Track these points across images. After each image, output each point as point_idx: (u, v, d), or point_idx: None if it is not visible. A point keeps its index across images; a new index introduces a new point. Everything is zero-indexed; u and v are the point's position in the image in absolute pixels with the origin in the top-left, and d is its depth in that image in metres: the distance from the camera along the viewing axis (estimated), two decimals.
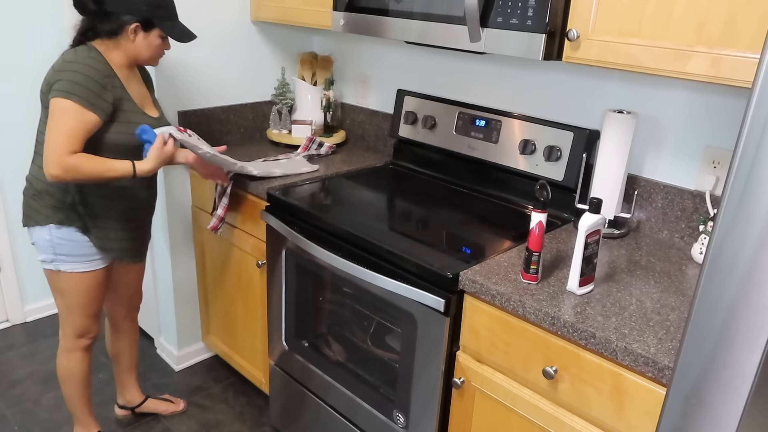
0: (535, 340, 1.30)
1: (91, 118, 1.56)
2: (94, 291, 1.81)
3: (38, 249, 1.74)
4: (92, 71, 1.57)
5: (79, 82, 1.54)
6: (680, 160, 1.63)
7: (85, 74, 1.55)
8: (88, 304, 1.82)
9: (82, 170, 1.55)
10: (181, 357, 2.52)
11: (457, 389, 1.49)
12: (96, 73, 1.57)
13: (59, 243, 1.71)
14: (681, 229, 1.64)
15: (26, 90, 2.52)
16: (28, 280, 2.78)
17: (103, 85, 1.58)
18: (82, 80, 1.54)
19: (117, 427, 2.18)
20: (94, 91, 1.56)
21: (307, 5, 2.01)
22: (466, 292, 1.41)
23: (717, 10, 1.16)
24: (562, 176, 1.76)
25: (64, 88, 1.52)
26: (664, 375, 1.09)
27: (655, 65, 1.26)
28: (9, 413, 2.22)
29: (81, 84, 1.54)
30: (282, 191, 1.88)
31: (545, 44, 1.39)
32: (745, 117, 0.81)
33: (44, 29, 2.51)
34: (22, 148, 2.58)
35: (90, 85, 1.55)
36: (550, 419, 1.31)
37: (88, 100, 1.54)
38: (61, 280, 1.76)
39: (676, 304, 1.31)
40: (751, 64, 1.13)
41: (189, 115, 2.22)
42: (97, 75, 1.57)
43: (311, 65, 2.39)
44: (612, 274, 1.43)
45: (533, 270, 1.34)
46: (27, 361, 2.52)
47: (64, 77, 1.54)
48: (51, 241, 1.70)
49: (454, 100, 2.05)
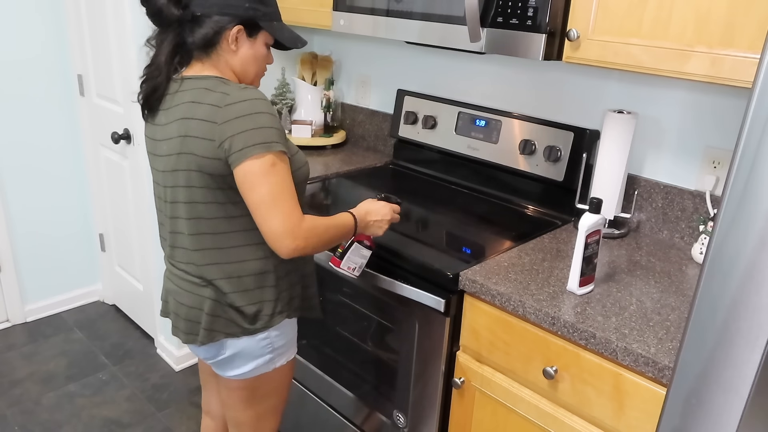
0: (535, 340, 1.30)
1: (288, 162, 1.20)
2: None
3: (242, 359, 1.34)
4: (262, 103, 1.17)
5: (263, 124, 1.14)
6: (680, 160, 1.62)
7: (260, 111, 1.16)
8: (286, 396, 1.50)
9: (319, 231, 1.21)
10: (182, 357, 2.52)
11: (457, 389, 1.49)
12: (265, 102, 1.18)
13: (277, 336, 1.35)
14: (681, 229, 1.64)
15: (26, 90, 2.52)
16: (28, 280, 2.78)
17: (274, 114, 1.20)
18: (264, 120, 1.15)
19: (117, 427, 2.18)
20: (279, 129, 1.18)
21: (307, 5, 2.01)
22: (466, 292, 1.41)
23: (717, 10, 1.16)
24: (562, 176, 1.76)
25: (256, 141, 1.13)
26: (664, 375, 1.09)
27: (655, 65, 1.26)
28: (9, 413, 2.22)
29: (267, 125, 1.15)
30: None
31: (545, 44, 1.39)
32: (745, 117, 0.81)
33: (43, 29, 2.51)
34: (23, 148, 2.58)
35: (275, 123, 1.17)
36: (550, 419, 1.31)
37: (283, 142, 1.18)
38: (273, 379, 1.41)
39: (676, 304, 1.31)
40: (751, 64, 1.13)
41: None
42: (267, 104, 1.18)
43: (311, 65, 2.39)
44: (612, 274, 1.43)
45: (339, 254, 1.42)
46: (27, 361, 2.52)
47: (242, 127, 1.13)
48: (268, 339, 1.33)
49: (454, 100, 2.05)
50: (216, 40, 1.22)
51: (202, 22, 1.20)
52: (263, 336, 1.32)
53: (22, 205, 2.65)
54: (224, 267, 1.26)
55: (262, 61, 1.31)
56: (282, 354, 1.38)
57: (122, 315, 2.90)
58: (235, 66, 1.26)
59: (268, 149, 1.14)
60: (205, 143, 1.16)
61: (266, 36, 1.28)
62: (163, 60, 1.22)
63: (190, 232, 1.26)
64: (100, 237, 2.89)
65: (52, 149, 2.67)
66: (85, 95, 2.62)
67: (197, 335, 1.31)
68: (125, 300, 2.86)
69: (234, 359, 1.34)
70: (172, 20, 1.20)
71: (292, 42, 1.32)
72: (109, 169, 2.63)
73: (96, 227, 2.88)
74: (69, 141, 2.71)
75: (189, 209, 1.24)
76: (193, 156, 1.18)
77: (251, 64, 1.28)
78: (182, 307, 1.32)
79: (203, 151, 1.16)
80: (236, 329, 1.30)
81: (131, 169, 2.44)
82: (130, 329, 2.79)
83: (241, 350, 1.32)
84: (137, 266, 2.65)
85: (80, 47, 2.53)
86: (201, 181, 1.20)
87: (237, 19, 1.22)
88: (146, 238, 2.47)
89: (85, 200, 2.84)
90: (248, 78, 1.30)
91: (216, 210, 1.22)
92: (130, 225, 2.59)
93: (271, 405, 1.45)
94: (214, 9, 1.20)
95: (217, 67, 1.25)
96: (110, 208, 2.73)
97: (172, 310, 1.37)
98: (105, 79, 2.43)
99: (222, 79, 1.22)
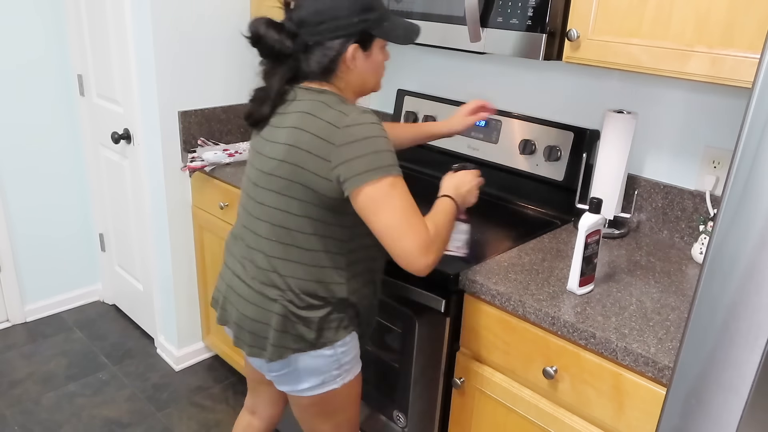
0: (535, 340, 1.30)
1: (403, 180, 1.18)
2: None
3: (308, 375, 1.31)
4: (379, 128, 1.15)
5: (381, 148, 1.13)
6: (680, 160, 1.63)
7: (378, 135, 1.14)
8: (359, 407, 1.47)
9: (441, 233, 1.20)
10: (181, 357, 2.52)
11: (457, 389, 1.49)
12: (381, 127, 1.16)
13: (343, 352, 1.32)
14: (681, 229, 1.64)
15: (26, 90, 2.52)
16: (28, 280, 2.78)
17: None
18: (382, 145, 1.13)
19: (117, 427, 2.18)
20: (394, 153, 1.17)
21: None
22: (466, 292, 1.41)
23: (717, 10, 1.16)
24: (562, 176, 1.76)
25: (375, 165, 1.12)
26: (664, 375, 1.09)
27: (655, 65, 1.26)
28: (9, 413, 2.22)
29: (384, 149, 1.14)
30: None
31: (545, 44, 1.39)
32: (745, 117, 0.81)
33: (44, 29, 2.51)
34: (23, 147, 2.58)
35: (390, 147, 1.15)
36: (550, 419, 1.31)
37: (397, 164, 1.16)
38: (342, 394, 1.37)
39: (676, 304, 1.31)
40: (751, 64, 1.13)
41: (189, 115, 2.22)
42: (383, 129, 1.17)
43: None
44: (612, 274, 1.43)
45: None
46: (27, 361, 2.52)
47: (361, 151, 1.12)
48: (334, 356, 1.30)
49: (454, 100, 2.05)
50: (333, 67, 1.20)
51: (315, 50, 1.18)
52: (330, 352, 1.29)
53: (22, 205, 2.65)
54: (302, 282, 1.24)
55: (380, 66, 1.27)
56: (348, 370, 1.35)
57: (122, 315, 2.90)
58: (354, 82, 1.24)
59: (387, 173, 1.12)
60: (318, 161, 1.14)
61: (380, 41, 1.25)
62: (276, 89, 1.21)
63: (274, 238, 1.23)
64: (100, 237, 2.89)
65: (52, 149, 2.67)
66: (85, 95, 2.62)
67: (264, 349, 1.28)
68: (125, 300, 2.86)
69: (300, 375, 1.30)
70: (286, 54, 1.19)
71: (406, 39, 1.26)
72: (109, 169, 2.63)
73: (96, 227, 2.88)
74: (69, 141, 2.71)
75: (278, 216, 1.22)
76: (300, 169, 1.16)
77: (370, 75, 1.26)
78: (246, 319, 1.28)
79: (314, 167, 1.15)
80: (304, 344, 1.26)
81: (131, 169, 2.44)
82: (130, 329, 2.79)
83: (307, 365, 1.29)
84: (137, 266, 2.65)
85: (80, 47, 2.53)
86: (302, 195, 1.18)
87: (350, 39, 1.18)
88: (146, 238, 2.47)
89: (85, 200, 2.84)
90: (369, 87, 1.28)
91: (308, 225, 1.21)
92: (130, 225, 2.59)
93: (347, 417, 1.42)
94: (326, 35, 1.17)
95: (336, 85, 1.23)
96: (110, 208, 2.73)
97: (233, 320, 1.32)
98: (105, 79, 2.43)
99: (340, 97, 1.20)
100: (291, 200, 1.20)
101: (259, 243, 1.26)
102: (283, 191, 1.20)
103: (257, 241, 1.27)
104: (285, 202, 1.20)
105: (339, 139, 1.12)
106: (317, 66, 1.19)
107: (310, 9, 1.18)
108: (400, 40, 1.25)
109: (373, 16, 1.20)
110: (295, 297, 1.24)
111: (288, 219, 1.21)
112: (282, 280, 1.24)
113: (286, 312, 1.24)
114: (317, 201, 1.18)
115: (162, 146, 2.18)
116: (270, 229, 1.24)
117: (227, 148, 2.19)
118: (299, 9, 1.19)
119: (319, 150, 1.14)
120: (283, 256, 1.23)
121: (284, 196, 1.20)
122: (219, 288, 1.39)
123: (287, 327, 1.25)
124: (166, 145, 2.19)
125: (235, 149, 2.19)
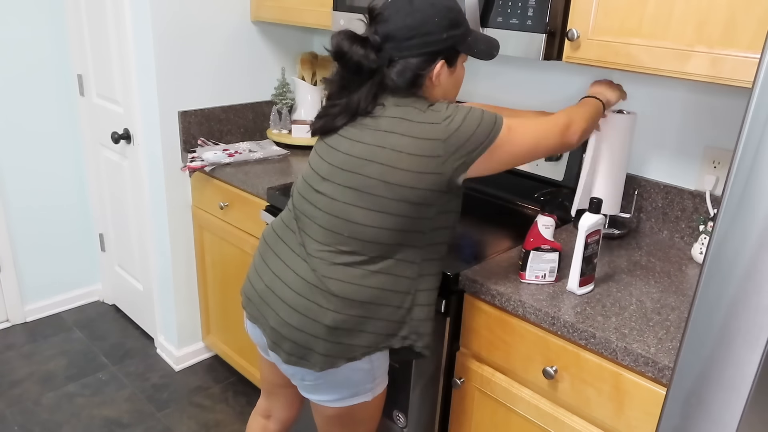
0: (535, 340, 1.30)
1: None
2: None
3: (341, 386, 1.28)
4: (463, 107, 1.19)
5: (480, 118, 1.17)
6: (680, 160, 1.62)
7: (468, 111, 1.18)
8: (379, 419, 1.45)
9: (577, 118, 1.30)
10: (181, 357, 2.52)
11: (457, 389, 1.49)
12: (464, 105, 1.21)
13: (378, 363, 1.29)
14: (681, 229, 1.64)
15: (26, 90, 2.52)
16: (28, 280, 2.78)
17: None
18: (478, 113, 1.18)
19: (117, 427, 2.18)
20: (486, 110, 1.23)
21: (307, 5, 2.01)
22: (466, 292, 1.41)
23: (717, 10, 1.16)
24: (562, 176, 1.76)
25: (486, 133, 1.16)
26: (664, 375, 1.09)
27: (655, 65, 1.26)
28: (9, 413, 2.22)
29: (482, 116, 1.17)
30: (282, 191, 1.88)
31: (545, 44, 1.39)
32: (745, 117, 0.81)
33: (44, 29, 2.51)
34: (23, 147, 2.58)
35: (482, 110, 1.21)
36: (550, 419, 1.31)
37: (497, 113, 1.21)
38: (369, 407, 1.35)
39: (676, 304, 1.31)
40: (751, 64, 1.13)
41: (189, 115, 2.22)
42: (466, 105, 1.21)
43: (311, 65, 2.39)
44: (612, 274, 1.43)
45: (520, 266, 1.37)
46: (27, 361, 2.52)
47: (470, 129, 1.15)
48: (371, 370, 1.28)
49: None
50: (418, 82, 1.19)
51: (399, 64, 1.17)
52: (368, 366, 1.26)
53: (22, 205, 2.65)
54: (364, 290, 1.20)
55: (460, 82, 1.29)
56: (380, 383, 1.33)
57: (122, 315, 2.90)
58: (436, 97, 1.23)
59: (499, 128, 1.17)
60: (422, 160, 1.14)
61: (462, 56, 1.25)
62: (362, 104, 1.19)
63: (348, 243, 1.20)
64: (100, 237, 2.88)
65: (52, 149, 2.67)
66: (85, 95, 2.62)
67: (304, 359, 1.23)
68: (125, 300, 2.86)
69: (335, 385, 1.27)
70: (372, 70, 1.17)
71: (488, 54, 1.27)
72: (109, 169, 2.63)
73: (96, 227, 2.88)
74: (69, 141, 2.70)
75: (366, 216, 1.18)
76: (392, 169, 1.15)
77: (452, 90, 1.27)
78: (289, 327, 1.23)
79: (417, 167, 1.15)
80: (356, 352, 1.22)
81: (131, 169, 2.44)
82: (130, 329, 2.79)
83: (345, 377, 1.26)
84: (137, 266, 2.65)
85: (80, 47, 2.53)
86: (391, 193, 1.16)
87: (438, 55, 1.18)
88: (146, 238, 2.47)
89: (85, 200, 2.84)
90: (448, 100, 1.28)
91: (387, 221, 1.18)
92: (130, 225, 2.59)
93: (367, 429, 1.41)
94: (414, 50, 1.16)
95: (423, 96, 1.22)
96: (110, 208, 2.73)
97: (271, 324, 1.27)
98: (105, 79, 2.43)
99: (426, 99, 1.21)
100: (382, 200, 1.17)
101: (317, 244, 1.23)
102: (364, 189, 1.18)
103: (316, 247, 1.23)
104: (371, 202, 1.18)
105: (443, 133, 1.14)
106: (402, 81, 1.18)
107: (399, 24, 1.16)
108: (483, 55, 1.26)
109: (459, 32, 1.20)
110: (351, 305, 1.20)
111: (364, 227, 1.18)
112: (344, 287, 1.20)
113: (336, 322, 1.20)
114: (408, 211, 1.17)
115: (162, 146, 2.18)
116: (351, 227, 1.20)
117: (227, 148, 2.19)
118: (387, 23, 1.17)
119: (423, 150, 1.14)
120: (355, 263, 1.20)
121: (367, 196, 1.18)
122: (255, 286, 1.32)
123: (339, 337, 1.21)
124: (166, 145, 2.19)
125: (234, 149, 2.20)
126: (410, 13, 1.16)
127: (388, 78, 1.18)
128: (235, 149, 2.19)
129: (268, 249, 1.33)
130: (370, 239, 1.19)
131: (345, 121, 1.23)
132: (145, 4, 2.02)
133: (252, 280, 1.34)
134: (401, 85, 1.18)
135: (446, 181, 1.17)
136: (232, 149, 2.19)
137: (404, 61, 1.17)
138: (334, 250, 1.21)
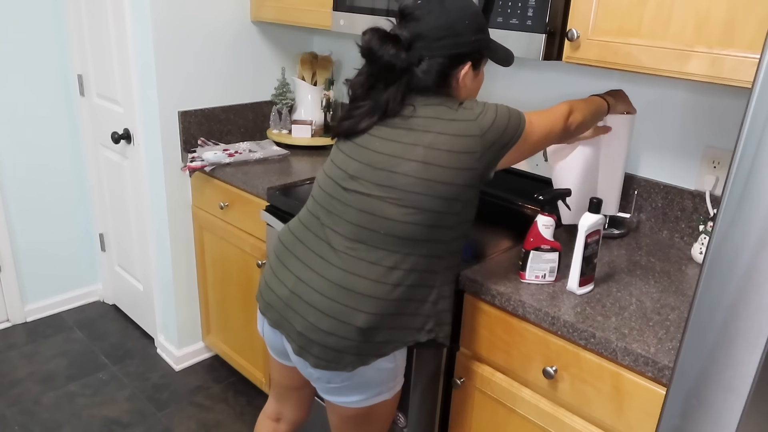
0: (535, 340, 1.30)
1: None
2: None
3: (366, 387, 1.28)
4: (491, 104, 1.23)
5: (508, 112, 1.21)
6: (680, 160, 1.63)
7: (496, 108, 1.21)
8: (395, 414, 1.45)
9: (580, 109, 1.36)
10: (181, 357, 2.52)
11: (457, 389, 1.49)
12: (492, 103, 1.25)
13: (400, 360, 1.30)
14: (681, 229, 1.64)
15: (26, 90, 2.52)
16: (28, 280, 2.78)
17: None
18: (505, 108, 1.22)
19: (117, 427, 2.18)
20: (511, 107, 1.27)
21: (307, 5, 2.01)
22: (466, 291, 1.41)
23: (717, 10, 1.16)
24: None
25: (516, 123, 1.21)
26: (664, 375, 1.09)
27: (655, 65, 1.26)
28: (9, 413, 2.22)
29: (510, 112, 1.22)
30: (282, 191, 1.88)
31: (545, 44, 1.39)
32: (745, 117, 0.81)
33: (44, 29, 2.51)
34: (23, 147, 2.58)
35: (509, 107, 1.24)
36: (550, 419, 1.31)
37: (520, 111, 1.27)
38: (388, 405, 1.35)
39: (676, 304, 1.31)
40: (751, 64, 1.13)
41: (189, 115, 2.22)
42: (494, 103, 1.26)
43: (311, 65, 2.39)
44: (612, 274, 1.43)
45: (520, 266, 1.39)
46: (27, 361, 2.52)
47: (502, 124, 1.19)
48: (394, 365, 1.29)
49: None
50: (448, 83, 1.21)
51: (427, 64, 1.18)
52: (390, 362, 1.26)
53: (22, 204, 2.65)
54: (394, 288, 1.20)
55: (480, 86, 1.31)
56: (400, 381, 1.34)
57: (122, 315, 2.90)
58: (462, 98, 1.25)
59: (523, 125, 1.22)
60: (461, 157, 1.16)
61: (484, 61, 1.28)
62: (390, 104, 1.20)
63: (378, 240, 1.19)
64: (100, 237, 2.89)
65: (52, 149, 2.67)
66: (85, 95, 2.62)
67: (333, 361, 1.22)
68: (125, 300, 2.86)
69: (360, 387, 1.27)
70: (403, 69, 1.17)
71: (507, 62, 1.29)
72: (109, 169, 2.63)
73: (96, 227, 2.88)
74: (69, 141, 2.71)
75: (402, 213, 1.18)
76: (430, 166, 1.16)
77: (474, 93, 1.30)
78: (319, 331, 1.21)
79: (455, 163, 1.16)
80: (386, 348, 1.22)
81: (131, 169, 2.44)
82: (130, 329, 2.79)
83: (371, 378, 1.26)
84: (137, 266, 2.65)
85: (80, 47, 2.53)
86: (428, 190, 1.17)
87: (465, 57, 1.21)
88: (146, 238, 2.47)
89: (85, 200, 2.84)
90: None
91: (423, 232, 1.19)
92: (130, 225, 2.59)
93: (381, 427, 1.40)
94: (444, 50, 1.18)
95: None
96: (110, 208, 2.73)
97: (298, 329, 1.24)
98: (105, 79, 2.43)
99: (456, 98, 1.23)
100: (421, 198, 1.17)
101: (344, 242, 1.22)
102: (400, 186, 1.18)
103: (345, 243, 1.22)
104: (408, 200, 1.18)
105: (479, 129, 1.17)
106: (431, 80, 1.19)
107: (431, 23, 1.18)
108: (503, 62, 1.28)
109: (485, 36, 1.24)
110: (378, 303, 1.20)
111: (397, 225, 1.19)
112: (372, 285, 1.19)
113: (369, 322, 1.19)
114: (444, 206, 1.18)
115: (162, 146, 2.18)
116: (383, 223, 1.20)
117: (227, 148, 2.19)
118: (418, 22, 1.18)
119: (460, 147, 1.17)
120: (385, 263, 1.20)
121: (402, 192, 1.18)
122: (277, 292, 1.29)
123: (372, 336, 1.20)
124: (166, 145, 2.19)
125: (235, 149, 2.20)
126: (442, 13, 1.18)
127: (417, 77, 1.19)
128: (235, 149, 2.19)
129: (286, 251, 1.31)
130: (402, 235, 1.19)
131: (371, 122, 1.23)
132: (145, 4, 2.02)
133: (272, 285, 1.31)
134: (430, 84, 1.20)
135: (479, 175, 1.20)
136: (232, 149, 2.19)
137: (433, 61, 1.18)
138: (363, 246, 1.20)
